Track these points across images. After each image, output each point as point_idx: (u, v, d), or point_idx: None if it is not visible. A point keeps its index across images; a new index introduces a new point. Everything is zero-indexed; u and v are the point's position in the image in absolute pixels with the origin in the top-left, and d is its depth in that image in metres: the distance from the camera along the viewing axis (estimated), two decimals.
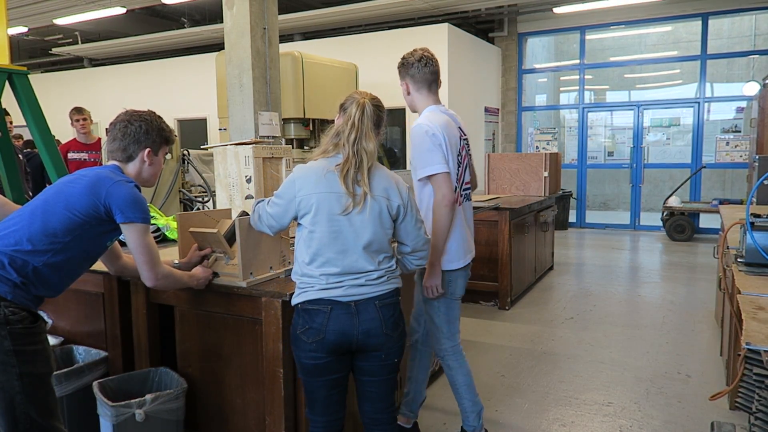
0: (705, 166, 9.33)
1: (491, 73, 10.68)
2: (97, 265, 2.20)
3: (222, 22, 5.11)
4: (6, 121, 3.59)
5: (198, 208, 6.65)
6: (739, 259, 2.60)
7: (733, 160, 9.02)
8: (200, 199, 6.75)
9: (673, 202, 8.95)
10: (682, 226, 8.80)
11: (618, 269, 6.99)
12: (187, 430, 2.42)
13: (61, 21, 10.06)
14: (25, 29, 10.65)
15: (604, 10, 9.72)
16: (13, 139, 4.79)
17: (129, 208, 1.93)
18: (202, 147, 5.63)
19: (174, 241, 3.08)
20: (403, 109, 9.25)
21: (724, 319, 3.63)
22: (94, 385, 2.29)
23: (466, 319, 4.82)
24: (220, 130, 7.12)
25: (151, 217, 2.27)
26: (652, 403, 3.31)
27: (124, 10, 9.44)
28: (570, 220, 10.28)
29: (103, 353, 2.62)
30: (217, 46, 8.03)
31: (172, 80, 11.34)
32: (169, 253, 2.67)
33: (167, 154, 2.21)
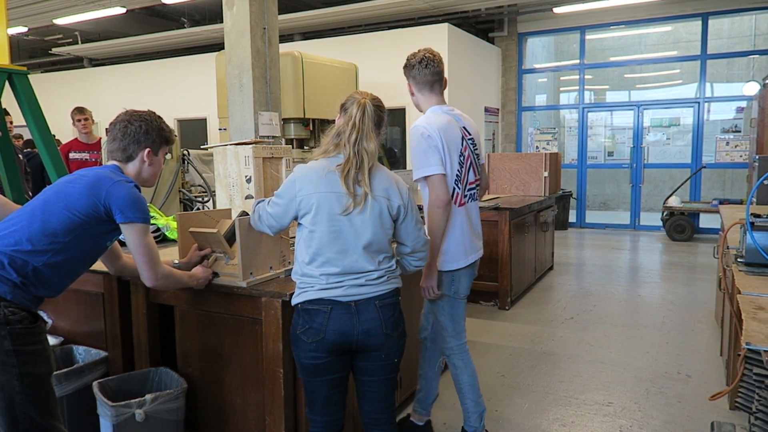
0: (705, 166, 9.33)
1: (491, 73, 10.68)
2: (97, 265, 2.20)
3: (222, 22, 5.11)
4: (6, 121, 3.59)
5: (198, 208, 6.65)
6: (739, 259, 2.60)
7: (733, 160, 9.02)
8: (200, 199, 6.75)
9: (673, 202, 8.94)
10: (682, 226, 8.80)
11: (618, 269, 6.99)
12: (187, 430, 2.42)
13: (61, 21, 10.06)
14: (25, 29, 10.65)
15: (604, 10, 9.72)
16: (13, 139, 4.79)
17: (129, 208, 1.93)
18: (202, 147, 5.63)
19: (174, 241, 3.08)
20: (403, 109, 9.25)
21: (724, 319, 3.63)
22: (94, 385, 2.30)
23: (466, 318, 4.81)
24: (220, 130, 7.12)
25: (151, 217, 2.27)
26: (652, 403, 3.31)
27: (124, 10, 9.44)
28: (570, 220, 10.29)
29: (103, 353, 2.62)
30: (217, 46, 8.03)
31: (172, 80, 11.34)
32: (169, 253, 2.67)
33: (167, 154, 2.21)
